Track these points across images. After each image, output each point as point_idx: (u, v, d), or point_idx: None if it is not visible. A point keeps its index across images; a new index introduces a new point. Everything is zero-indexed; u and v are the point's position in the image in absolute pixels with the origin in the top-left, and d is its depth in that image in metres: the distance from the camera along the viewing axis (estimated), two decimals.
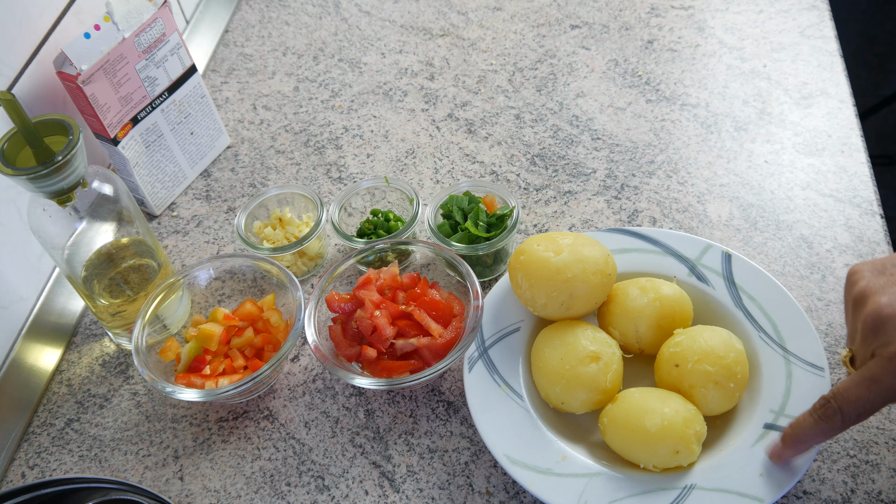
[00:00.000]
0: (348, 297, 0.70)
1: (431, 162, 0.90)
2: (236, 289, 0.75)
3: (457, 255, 0.70)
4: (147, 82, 0.81)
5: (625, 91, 0.95)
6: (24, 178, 0.60)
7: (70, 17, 0.82)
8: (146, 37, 0.79)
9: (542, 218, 0.82)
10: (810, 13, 1.00)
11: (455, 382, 0.70)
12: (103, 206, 0.67)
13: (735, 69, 0.95)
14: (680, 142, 0.88)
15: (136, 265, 0.73)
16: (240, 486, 0.66)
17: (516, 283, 0.67)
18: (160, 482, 0.67)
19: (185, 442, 0.69)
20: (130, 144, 0.82)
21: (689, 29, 1.01)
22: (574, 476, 0.59)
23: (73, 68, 0.73)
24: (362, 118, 0.97)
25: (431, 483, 0.64)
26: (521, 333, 0.69)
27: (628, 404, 0.60)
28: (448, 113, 0.95)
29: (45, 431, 0.71)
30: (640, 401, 0.60)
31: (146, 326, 0.69)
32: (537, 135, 0.91)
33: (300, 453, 0.67)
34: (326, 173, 0.90)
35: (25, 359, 0.73)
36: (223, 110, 1.00)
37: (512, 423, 0.63)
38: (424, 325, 0.67)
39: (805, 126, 0.87)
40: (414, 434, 0.67)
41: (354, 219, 0.82)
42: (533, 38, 1.04)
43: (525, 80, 0.98)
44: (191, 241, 0.86)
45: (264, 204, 0.81)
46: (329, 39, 1.09)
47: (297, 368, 0.73)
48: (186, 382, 0.66)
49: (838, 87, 0.91)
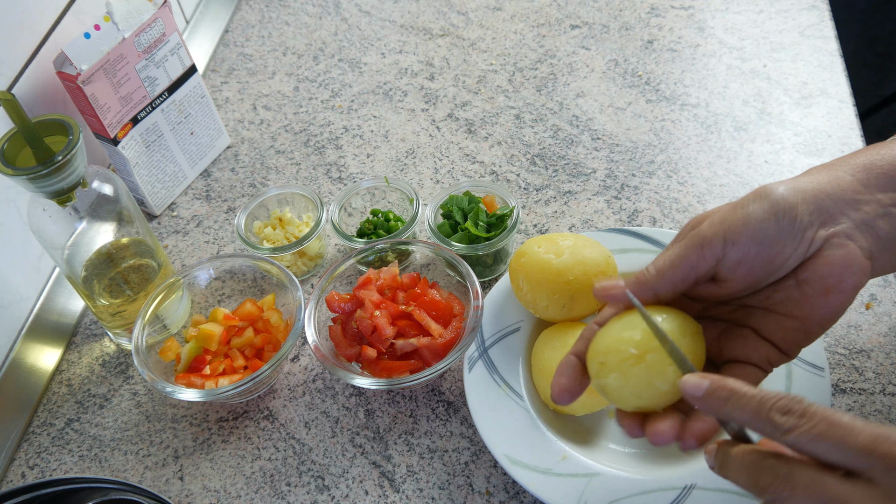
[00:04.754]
0: (348, 297, 0.70)
1: (431, 162, 0.90)
2: (236, 289, 0.75)
3: (457, 255, 0.70)
4: (147, 82, 0.81)
5: (625, 91, 0.95)
6: (24, 178, 0.60)
7: (70, 17, 0.82)
8: (146, 37, 0.79)
9: (542, 218, 0.82)
10: (810, 13, 1.00)
11: (455, 382, 0.70)
12: (103, 206, 0.67)
13: (735, 69, 0.95)
14: (680, 142, 0.88)
15: (136, 265, 0.73)
16: (240, 486, 0.66)
17: (517, 285, 0.67)
18: (160, 482, 0.67)
19: (185, 442, 0.69)
20: (130, 144, 0.82)
21: (689, 29, 1.01)
22: (574, 476, 0.59)
23: (73, 68, 0.73)
24: (362, 118, 0.97)
25: (431, 483, 0.64)
26: (521, 333, 0.69)
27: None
28: (448, 113, 0.95)
29: (45, 431, 0.71)
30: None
31: (146, 326, 0.69)
32: (537, 135, 0.91)
33: (300, 453, 0.67)
34: (326, 173, 0.90)
35: (25, 359, 0.73)
36: (223, 110, 1.00)
37: (512, 423, 0.63)
38: (424, 325, 0.67)
39: (805, 126, 0.87)
40: (414, 434, 0.67)
41: (354, 219, 0.82)
42: (533, 38, 1.04)
43: (525, 80, 0.98)
44: (191, 241, 0.86)
45: (264, 204, 0.81)
46: (329, 39, 1.09)
47: (297, 368, 0.73)
48: (186, 382, 0.66)
49: (838, 87, 0.91)
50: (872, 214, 0.48)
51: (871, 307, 0.70)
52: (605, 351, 0.48)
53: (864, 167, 0.49)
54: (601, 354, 0.48)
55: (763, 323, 0.50)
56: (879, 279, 0.71)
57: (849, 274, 0.47)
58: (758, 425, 0.40)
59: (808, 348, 0.63)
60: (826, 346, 0.68)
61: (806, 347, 0.63)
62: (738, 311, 0.52)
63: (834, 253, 0.47)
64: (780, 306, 0.49)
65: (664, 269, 0.49)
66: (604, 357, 0.48)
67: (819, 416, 0.39)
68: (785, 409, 0.40)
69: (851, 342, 0.68)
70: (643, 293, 0.49)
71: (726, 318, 0.52)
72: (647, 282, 0.49)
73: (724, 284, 0.50)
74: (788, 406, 0.40)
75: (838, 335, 0.69)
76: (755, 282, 0.49)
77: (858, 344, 0.68)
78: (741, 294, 0.51)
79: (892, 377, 0.65)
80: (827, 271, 0.47)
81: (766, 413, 0.40)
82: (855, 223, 0.48)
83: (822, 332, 0.49)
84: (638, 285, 0.49)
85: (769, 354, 0.49)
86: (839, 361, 0.67)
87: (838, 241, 0.47)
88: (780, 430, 0.39)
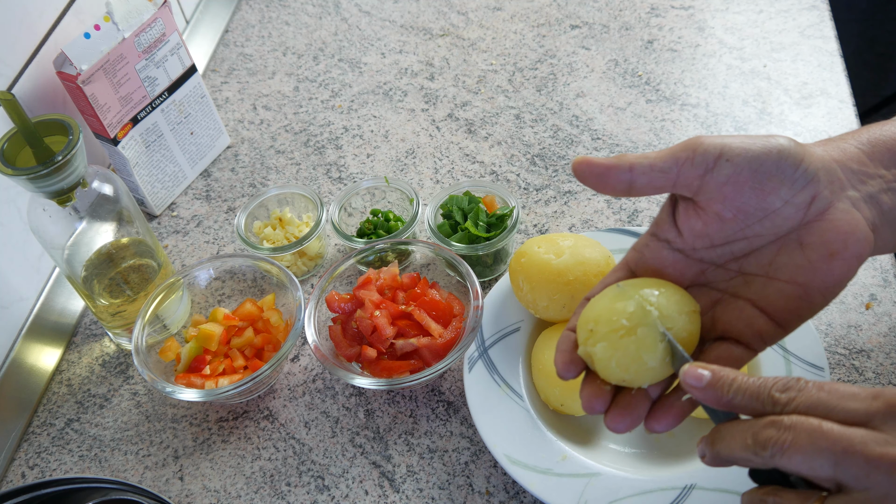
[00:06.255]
0: (348, 297, 0.70)
1: (431, 162, 0.90)
2: (236, 289, 0.75)
3: (457, 255, 0.70)
4: (147, 82, 0.81)
5: (625, 91, 0.95)
6: (24, 178, 0.60)
7: (70, 17, 0.82)
8: (146, 37, 0.79)
9: (542, 218, 0.82)
10: (810, 13, 1.00)
11: (455, 382, 0.70)
12: (103, 206, 0.67)
13: (735, 69, 0.95)
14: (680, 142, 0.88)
15: (136, 265, 0.73)
16: (240, 486, 0.66)
17: (517, 285, 0.67)
18: (160, 482, 0.67)
19: (185, 442, 0.69)
20: (130, 144, 0.82)
21: (689, 29, 1.01)
22: (574, 476, 0.59)
23: (73, 68, 0.73)
24: (362, 118, 0.97)
25: (431, 483, 0.64)
26: (521, 333, 0.69)
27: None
28: (448, 113, 0.95)
29: (45, 431, 0.71)
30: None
31: (146, 326, 0.69)
32: (537, 135, 0.91)
33: (300, 453, 0.67)
34: (326, 173, 0.90)
35: (25, 359, 0.73)
36: (223, 110, 1.00)
37: (512, 423, 0.63)
38: (424, 325, 0.67)
39: (805, 126, 0.87)
40: (414, 434, 0.67)
41: (354, 219, 0.82)
42: (533, 38, 1.04)
43: (525, 80, 0.98)
44: (191, 241, 0.86)
45: (264, 204, 0.81)
46: (329, 39, 1.09)
47: (297, 368, 0.73)
48: (186, 382, 0.66)
49: (838, 87, 0.91)
50: (877, 188, 0.48)
51: (871, 307, 0.70)
52: (595, 319, 0.47)
53: (869, 142, 0.49)
54: (591, 322, 0.47)
55: (763, 292, 0.48)
56: (879, 279, 0.71)
57: (853, 241, 0.46)
58: (759, 406, 0.41)
59: (808, 348, 0.63)
60: (826, 346, 0.68)
61: (805, 347, 0.63)
62: (736, 277, 0.50)
63: (840, 217, 0.46)
64: (781, 272, 0.48)
65: (650, 154, 0.47)
66: (594, 325, 0.47)
67: (817, 385, 0.40)
68: (784, 387, 0.41)
69: (851, 342, 0.68)
70: (620, 167, 0.47)
71: (723, 288, 0.50)
72: (627, 158, 0.47)
73: (705, 214, 0.48)
74: (787, 384, 0.41)
75: (838, 335, 0.69)
76: (740, 214, 0.48)
77: (858, 344, 0.68)
78: (724, 238, 0.49)
79: (892, 377, 0.65)
80: (832, 236, 0.46)
81: (767, 393, 0.41)
82: (860, 194, 0.47)
83: (824, 303, 0.48)
84: (618, 159, 0.47)
85: (763, 328, 0.48)
86: (839, 361, 0.67)
87: (844, 206, 0.47)
88: (781, 404, 0.40)
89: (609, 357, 0.46)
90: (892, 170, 0.48)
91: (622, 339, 0.45)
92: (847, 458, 0.37)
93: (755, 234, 0.48)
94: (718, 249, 0.49)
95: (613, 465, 0.60)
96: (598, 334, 0.46)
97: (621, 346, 0.45)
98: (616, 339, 0.46)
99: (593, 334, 0.47)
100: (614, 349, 0.45)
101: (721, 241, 0.49)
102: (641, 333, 0.45)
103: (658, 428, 0.46)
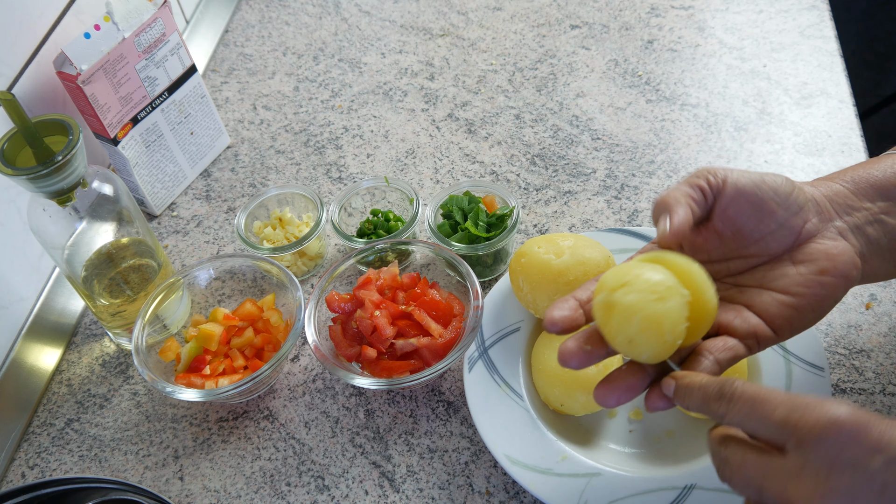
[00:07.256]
0: (348, 297, 0.70)
1: (431, 162, 0.90)
2: (236, 289, 0.75)
3: (457, 255, 0.70)
4: (147, 82, 0.81)
5: (625, 91, 0.95)
6: (24, 178, 0.60)
7: (70, 17, 0.82)
8: (146, 37, 0.79)
9: (542, 218, 0.82)
10: (810, 13, 1.00)
11: (455, 382, 0.70)
12: (103, 206, 0.67)
13: (735, 69, 0.95)
14: (680, 142, 0.88)
15: (136, 265, 0.73)
16: (240, 486, 0.66)
17: (517, 285, 0.67)
18: (160, 482, 0.67)
19: (185, 442, 0.69)
20: (130, 144, 0.82)
21: (689, 29, 1.01)
22: (574, 476, 0.59)
23: (73, 68, 0.73)
24: (362, 118, 0.97)
25: (431, 483, 0.64)
26: (521, 333, 0.69)
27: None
28: (448, 113, 0.95)
29: (45, 431, 0.71)
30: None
31: (146, 326, 0.69)
32: (537, 135, 0.91)
33: (300, 453, 0.67)
34: (326, 173, 0.90)
35: (25, 359, 0.73)
36: (223, 110, 1.00)
37: (512, 423, 0.63)
38: (424, 325, 0.67)
39: (805, 126, 0.87)
40: (414, 434, 0.67)
41: (354, 219, 0.82)
42: (533, 38, 1.04)
43: (525, 80, 0.98)
44: (191, 241, 0.86)
45: (264, 204, 0.81)
46: (329, 39, 1.09)
47: (297, 368, 0.73)
48: (186, 382, 0.66)
49: (838, 87, 0.91)
50: (863, 220, 0.52)
51: (871, 307, 0.70)
52: (630, 280, 0.46)
53: (853, 180, 0.54)
54: (627, 275, 0.46)
55: (758, 298, 0.51)
56: None
57: (841, 262, 0.50)
58: (708, 414, 0.44)
59: (808, 348, 0.63)
60: (826, 346, 0.68)
61: (805, 347, 0.63)
62: (731, 289, 0.53)
63: (827, 242, 0.51)
64: (776, 283, 0.51)
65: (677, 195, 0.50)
66: (628, 281, 0.46)
67: (745, 396, 0.41)
68: (718, 395, 0.43)
69: (851, 342, 0.68)
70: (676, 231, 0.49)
71: (720, 297, 0.52)
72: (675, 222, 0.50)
73: (706, 230, 0.53)
74: (720, 391, 0.43)
75: (838, 335, 0.69)
76: (738, 235, 0.52)
77: (858, 344, 0.68)
78: (721, 255, 0.53)
79: (892, 377, 0.65)
80: (821, 255, 0.50)
81: (708, 403, 0.43)
82: (847, 225, 0.52)
83: (816, 318, 0.51)
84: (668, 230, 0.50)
85: (758, 330, 0.50)
86: (839, 361, 0.67)
87: (831, 234, 0.51)
88: (718, 416, 0.43)
89: (631, 314, 0.45)
90: (877, 203, 0.52)
91: (652, 303, 0.45)
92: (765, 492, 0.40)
93: (751, 254, 0.52)
94: (716, 265, 0.53)
95: (613, 465, 0.60)
96: (631, 287, 0.46)
97: (648, 308, 0.45)
98: (646, 302, 0.45)
99: (626, 287, 0.46)
100: (639, 309, 0.45)
101: (719, 258, 0.53)
102: (671, 306, 0.45)
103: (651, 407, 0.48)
